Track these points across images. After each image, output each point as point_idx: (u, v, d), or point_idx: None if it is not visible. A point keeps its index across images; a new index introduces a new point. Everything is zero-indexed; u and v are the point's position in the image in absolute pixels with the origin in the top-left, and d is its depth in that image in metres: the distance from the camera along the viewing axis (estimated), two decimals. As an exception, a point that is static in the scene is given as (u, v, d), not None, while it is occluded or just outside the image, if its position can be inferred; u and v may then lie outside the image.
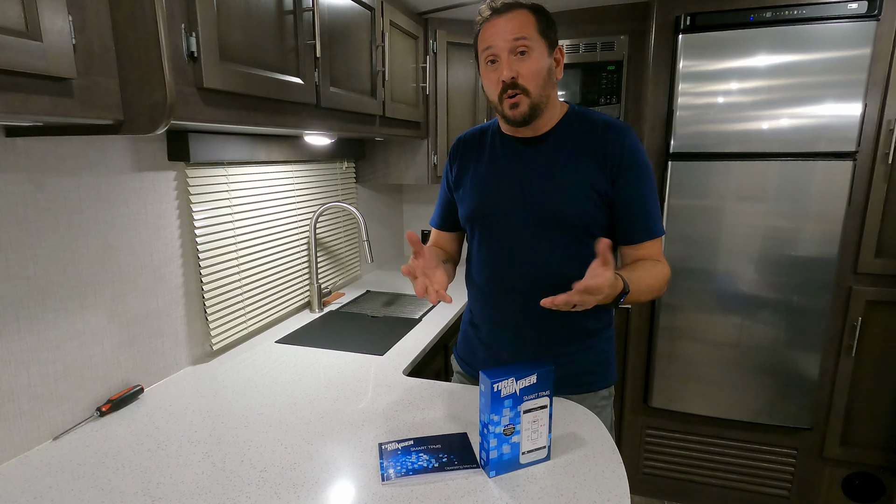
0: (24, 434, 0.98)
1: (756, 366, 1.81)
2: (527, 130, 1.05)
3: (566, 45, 2.04)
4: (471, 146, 1.15)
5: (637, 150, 1.01)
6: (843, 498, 1.88)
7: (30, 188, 0.97)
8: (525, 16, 0.95)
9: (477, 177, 1.11)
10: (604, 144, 1.01)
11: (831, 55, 1.57)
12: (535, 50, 0.96)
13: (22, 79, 0.65)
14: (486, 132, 1.15)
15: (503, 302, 1.10)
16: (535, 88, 0.97)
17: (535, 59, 0.96)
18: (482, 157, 1.12)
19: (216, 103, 0.98)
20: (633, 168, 1.00)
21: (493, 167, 1.09)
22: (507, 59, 0.95)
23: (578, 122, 1.05)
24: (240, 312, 1.53)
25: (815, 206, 1.67)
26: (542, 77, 0.97)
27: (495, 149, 1.11)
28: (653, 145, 1.82)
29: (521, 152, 1.07)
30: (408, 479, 0.86)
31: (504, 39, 0.94)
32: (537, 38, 0.96)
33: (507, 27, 0.95)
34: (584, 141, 1.02)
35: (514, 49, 0.95)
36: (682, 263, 1.82)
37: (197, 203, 1.35)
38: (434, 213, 1.28)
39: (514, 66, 0.95)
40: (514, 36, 0.94)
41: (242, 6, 1.02)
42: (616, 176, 1.00)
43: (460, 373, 1.27)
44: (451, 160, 1.19)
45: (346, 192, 2.18)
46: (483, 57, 0.99)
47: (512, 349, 1.12)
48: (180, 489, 0.85)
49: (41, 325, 1.00)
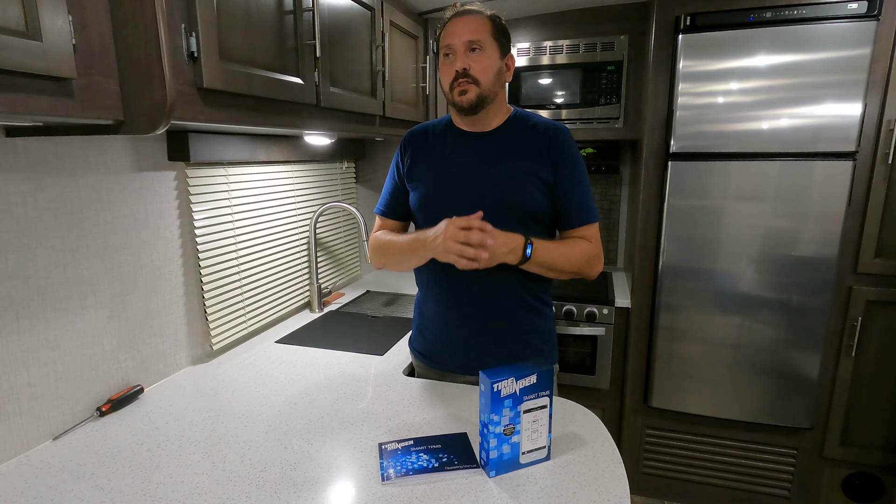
0: (24, 434, 0.98)
1: (756, 366, 1.81)
2: (477, 125, 1.16)
3: (566, 44, 2.04)
4: (422, 138, 1.22)
5: (574, 147, 1.14)
6: (843, 498, 1.88)
7: (30, 188, 0.97)
8: (481, 20, 1.09)
9: (429, 167, 1.18)
10: (546, 141, 1.12)
11: (831, 55, 1.57)
12: (487, 49, 1.08)
13: (22, 79, 0.65)
14: (437, 125, 1.23)
15: (453, 287, 1.17)
16: (486, 82, 1.08)
17: (486, 56, 1.08)
18: (434, 149, 1.20)
19: (216, 103, 0.98)
20: (572, 163, 1.13)
21: (444, 158, 1.17)
22: (462, 53, 1.07)
23: (523, 122, 1.16)
24: (240, 312, 1.53)
25: (815, 206, 1.67)
26: (491, 73, 1.09)
27: (447, 141, 1.19)
28: (653, 145, 1.82)
29: (471, 144, 1.16)
30: (408, 479, 0.86)
31: (460, 36, 1.07)
32: (490, 40, 1.08)
33: (464, 27, 1.08)
34: (528, 137, 1.14)
35: (469, 45, 1.07)
36: (682, 263, 1.82)
37: (197, 203, 1.35)
38: (381, 201, 1.29)
39: (466, 59, 1.07)
40: (470, 36, 1.06)
41: (242, 6, 1.02)
42: (556, 167, 1.12)
43: (420, 366, 1.31)
44: (402, 151, 1.24)
45: (346, 192, 2.18)
46: (441, 52, 1.12)
47: (461, 332, 1.18)
48: (180, 489, 0.85)
49: (41, 325, 1.00)
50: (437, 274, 1.18)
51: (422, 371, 1.31)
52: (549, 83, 2.10)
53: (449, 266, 1.10)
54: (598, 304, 1.95)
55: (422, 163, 1.20)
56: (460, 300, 1.17)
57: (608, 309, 1.96)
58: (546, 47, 2.07)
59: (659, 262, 1.85)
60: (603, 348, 1.98)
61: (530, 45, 2.09)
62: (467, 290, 1.15)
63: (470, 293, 1.15)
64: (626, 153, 2.36)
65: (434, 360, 1.25)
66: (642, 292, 1.92)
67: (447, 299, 1.19)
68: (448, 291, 1.18)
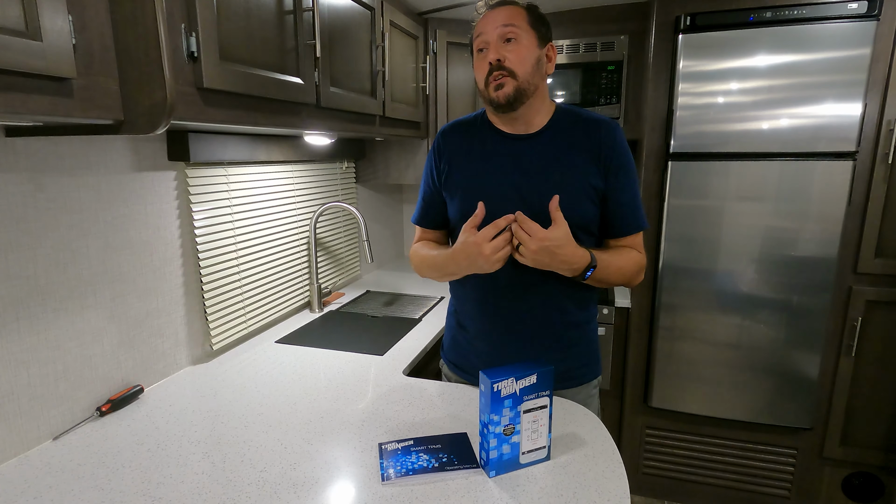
0: (24, 434, 0.98)
1: (756, 366, 1.81)
2: (518, 126, 1.06)
3: (566, 44, 2.04)
4: (457, 140, 1.12)
5: (626, 147, 1.05)
6: (843, 498, 1.88)
7: (30, 188, 0.97)
8: (516, 9, 1.00)
9: (469, 174, 1.08)
10: (597, 140, 1.03)
11: (831, 55, 1.57)
12: (524, 38, 0.99)
13: (22, 79, 0.65)
14: (473, 124, 1.12)
15: (497, 303, 1.09)
16: (523, 73, 0.98)
17: (523, 46, 0.98)
18: (472, 152, 1.09)
19: (216, 103, 0.98)
20: (624, 165, 1.04)
21: (486, 165, 1.07)
22: (496, 44, 0.99)
23: (569, 120, 1.06)
24: (240, 312, 1.53)
25: (815, 206, 1.67)
26: (529, 63, 0.99)
27: (486, 145, 1.08)
28: (653, 145, 1.82)
29: (515, 150, 1.06)
30: (408, 479, 0.86)
31: (494, 27, 0.99)
32: (526, 28, 0.99)
33: (497, 17, 0.99)
34: (576, 137, 1.04)
35: (503, 35, 0.98)
36: (682, 263, 1.82)
37: (197, 203, 1.35)
38: (418, 210, 1.20)
39: (500, 51, 0.98)
40: (504, 23, 0.98)
41: (242, 6, 1.02)
42: (608, 172, 1.03)
43: (450, 377, 1.25)
44: (437, 154, 1.14)
45: (346, 192, 2.18)
46: (475, 47, 1.03)
47: (507, 350, 1.11)
48: (180, 489, 0.85)
49: (41, 325, 1.00)
50: (477, 290, 1.11)
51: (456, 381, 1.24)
52: (549, 83, 2.09)
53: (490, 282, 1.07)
54: (598, 303, 1.95)
55: (459, 171, 1.09)
56: (504, 316, 1.09)
57: (608, 309, 1.96)
58: (546, 47, 2.07)
59: (659, 261, 1.85)
60: (603, 348, 1.98)
61: (530, 45, 2.08)
62: (510, 306, 1.08)
63: (513, 311, 1.08)
64: (626, 153, 2.35)
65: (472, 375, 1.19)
66: (642, 292, 1.92)
67: (489, 315, 1.11)
68: (490, 308, 1.10)
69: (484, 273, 0.98)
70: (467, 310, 1.15)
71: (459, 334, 1.19)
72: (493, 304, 1.10)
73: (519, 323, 1.09)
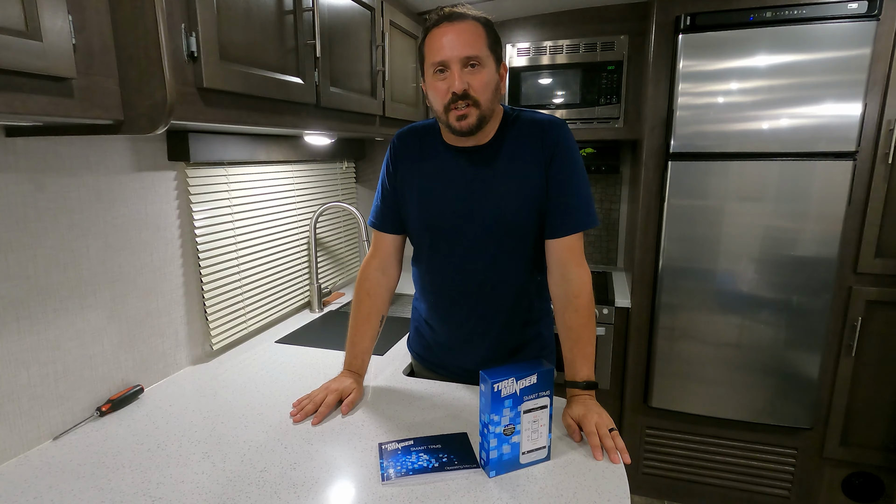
0: (24, 434, 0.98)
1: (756, 366, 1.81)
2: (470, 141, 1.05)
3: (566, 44, 2.04)
4: (412, 147, 1.12)
5: (570, 144, 1.04)
6: (843, 498, 1.88)
7: (30, 188, 0.97)
8: (476, 29, 0.96)
9: (423, 186, 1.09)
10: (540, 140, 1.03)
11: (831, 55, 1.57)
12: (486, 64, 0.97)
13: (22, 79, 0.65)
14: (427, 133, 1.12)
15: (457, 306, 1.14)
16: (485, 101, 0.98)
17: (485, 73, 0.97)
18: (424, 164, 1.10)
19: (216, 103, 0.98)
20: (565, 158, 1.02)
21: (440, 179, 1.08)
22: (459, 71, 0.95)
23: (515, 125, 1.06)
24: (240, 312, 1.53)
25: (815, 206, 1.67)
26: (490, 90, 0.98)
27: (439, 159, 1.09)
28: (653, 145, 1.82)
29: (466, 164, 1.06)
30: (408, 479, 0.86)
31: (456, 51, 0.94)
32: (487, 53, 0.97)
33: (459, 39, 0.95)
34: (522, 142, 1.04)
35: (467, 62, 0.95)
36: (682, 263, 1.82)
37: (197, 203, 1.35)
38: (374, 213, 1.19)
39: (465, 78, 0.95)
40: (468, 52, 0.94)
41: (242, 6, 1.02)
42: (548, 166, 1.03)
43: (418, 367, 1.31)
44: (393, 160, 1.14)
45: (346, 192, 2.18)
46: (431, 65, 0.98)
47: (468, 348, 1.17)
48: (180, 489, 0.85)
49: (41, 325, 1.00)
50: (438, 286, 1.15)
51: (420, 371, 1.31)
52: (549, 83, 2.10)
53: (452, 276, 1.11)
54: (598, 303, 1.95)
55: (414, 179, 1.11)
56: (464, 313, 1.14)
57: (608, 309, 1.96)
58: (546, 47, 2.07)
59: (659, 262, 1.85)
60: (603, 348, 1.98)
61: (530, 45, 2.09)
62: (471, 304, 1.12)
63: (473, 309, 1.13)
64: (626, 153, 2.36)
65: (434, 364, 1.26)
66: (642, 292, 1.92)
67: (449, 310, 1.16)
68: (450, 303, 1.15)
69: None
70: (425, 300, 1.21)
71: (425, 329, 1.25)
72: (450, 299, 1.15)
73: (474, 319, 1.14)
